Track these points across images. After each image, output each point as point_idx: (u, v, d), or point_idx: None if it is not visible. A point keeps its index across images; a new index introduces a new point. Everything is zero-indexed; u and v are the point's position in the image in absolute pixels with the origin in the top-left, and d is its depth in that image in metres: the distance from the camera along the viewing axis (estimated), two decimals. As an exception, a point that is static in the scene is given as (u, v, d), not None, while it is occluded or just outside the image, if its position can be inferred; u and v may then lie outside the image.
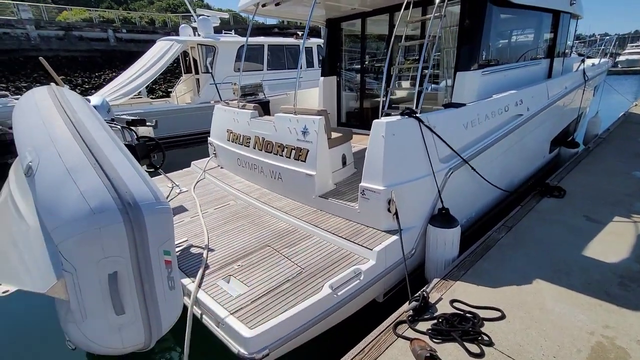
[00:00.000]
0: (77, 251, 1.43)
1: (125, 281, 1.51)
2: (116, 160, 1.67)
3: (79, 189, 1.47)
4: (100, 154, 1.64)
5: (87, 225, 1.41)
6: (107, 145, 1.74)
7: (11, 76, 20.26)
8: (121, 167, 1.64)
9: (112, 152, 1.71)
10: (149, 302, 1.59)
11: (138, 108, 9.99)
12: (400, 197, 2.87)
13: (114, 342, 1.57)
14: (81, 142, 1.65)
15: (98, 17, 28.27)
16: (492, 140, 3.65)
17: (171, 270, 1.71)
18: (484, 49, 4.35)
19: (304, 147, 3.58)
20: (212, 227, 3.48)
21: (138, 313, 1.58)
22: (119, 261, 1.48)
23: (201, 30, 11.21)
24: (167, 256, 1.67)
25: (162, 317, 1.67)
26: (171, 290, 1.72)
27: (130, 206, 1.50)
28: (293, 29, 26.34)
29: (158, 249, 1.61)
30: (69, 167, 1.53)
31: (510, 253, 2.92)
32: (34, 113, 1.85)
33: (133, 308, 1.56)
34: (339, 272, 2.59)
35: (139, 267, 1.53)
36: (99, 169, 1.56)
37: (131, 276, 1.52)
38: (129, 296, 1.54)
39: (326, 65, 6.54)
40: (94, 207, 1.44)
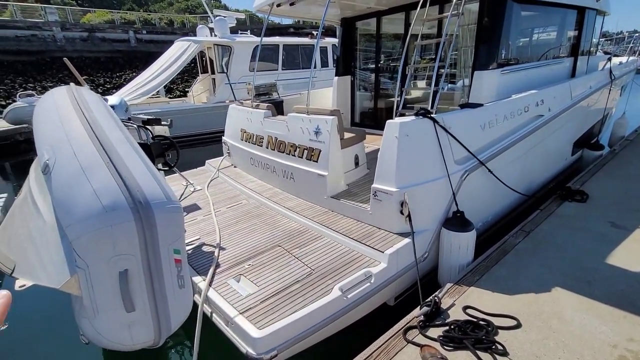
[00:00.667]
0: (90, 248, 1.45)
1: (136, 279, 1.53)
2: (129, 159, 1.69)
3: (92, 187, 1.50)
4: (114, 153, 1.66)
5: (99, 223, 1.44)
6: (121, 144, 1.76)
7: (38, 76, 21.09)
8: (134, 166, 1.66)
9: (126, 151, 1.73)
10: (158, 300, 1.61)
11: (156, 107, 10.23)
12: (413, 199, 2.81)
13: (124, 339, 1.60)
14: (96, 141, 1.68)
15: (120, 18, 29.09)
16: (511, 141, 3.53)
17: (181, 268, 1.72)
18: (504, 48, 4.22)
19: (316, 148, 3.56)
20: (224, 225, 3.50)
21: (148, 311, 1.59)
22: (129, 259, 1.50)
23: (217, 30, 11.36)
24: (177, 255, 1.68)
25: (171, 316, 1.68)
26: (181, 289, 1.73)
27: (142, 205, 1.52)
28: (308, 28, 26.42)
29: (168, 248, 1.63)
30: (84, 165, 1.56)
31: (527, 259, 2.81)
32: (53, 112, 1.90)
33: (143, 306, 1.58)
34: (349, 275, 2.56)
35: (149, 265, 1.54)
36: (112, 168, 1.58)
37: (141, 274, 1.54)
38: (139, 294, 1.56)
39: (340, 64, 6.50)
40: (106, 205, 1.46)
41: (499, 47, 4.12)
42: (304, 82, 12.31)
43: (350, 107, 6.72)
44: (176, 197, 1.76)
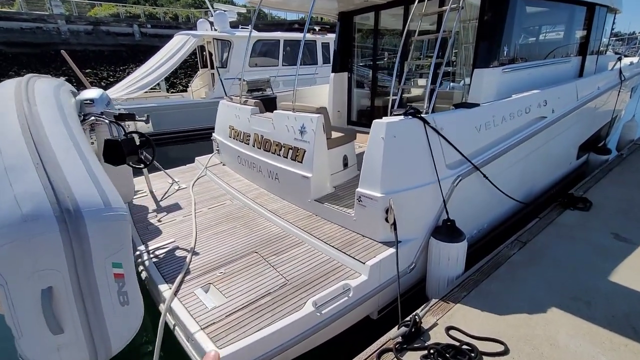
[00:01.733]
0: (6, 262, 1.27)
1: (63, 297, 1.35)
2: (66, 159, 1.50)
3: (13, 191, 1.31)
4: (48, 153, 1.48)
5: (16, 234, 1.25)
6: (61, 142, 1.58)
7: (42, 69, 21.05)
8: (70, 168, 1.48)
9: (65, 151, 1.55)
10: (92, 320, 1.42)
11: (153, 102, 10.09)
12: (400, 205, 2.60)
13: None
14: (29, 139, 1.49)
15: (125, 12, 29.01)
16: (510, 145, 3.30)
17: (123, 284, 1.53)
18: (506, 45, 3.97)
19: (301, 147, 3.36)
20: (202, 227, 3.33)
21: (80, 332, 1.41)
22: (54, 275, 1.32)
23: (217, 24, 11.15)
24: (118, 269, 1.50)
25: (110, 337, 1.50)
26: (123, 306, 1.54)
27: (70, 213, 1.33)
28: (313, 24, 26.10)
29: (105, 261, 1.44)
30: (8, 165, 1.38)
31: (521, 273, 2.59)
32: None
33: (73, 327, 1.39)
34: (326, 287, 2.37)
35: (78, 281, 1.36)
36: (42, 170, 1.39)
37: (70, 292, 1.36)
38: (69, 314, 1.37)
39: (337, 60, 6.27)
40: (27, 213, 1.28)
41: (501, 44, 3.87)
42: (306, 78, 12.10)
43: (347, 104, 6.49)
44: (121, 204, 1.57)
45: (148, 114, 3.65)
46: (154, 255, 2.90)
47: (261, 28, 19.74)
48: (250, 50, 11.03)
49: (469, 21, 4.66)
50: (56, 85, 2.27)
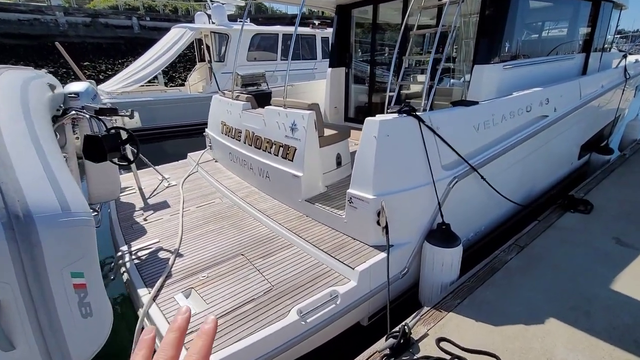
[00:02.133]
0: (-52, 274, 1.15)
1: (14, 311, 1.23)
2: (21, 159, 1.37)
3: (-44, 195, 1.19)
4: (1, 152, 1.34)
5: (-44, 243, 1.13)
6: (18, 140, 1.45)
7: (39, 61, 20.83)
8: (24, 169, 1.35)
9: (21, 149, 1.42)
10: (47, 335, 1.30)
11: (148, 96, 9.95)
12: (392, 208, 2.48)
13: (7, 381, 1.29)
14: (-20, 137, 1.36)
15: (124, 4, 28.69)
16: (509, 144, 3.16)
17: (85, 294, 1.41)
18: (508, 41, 3.82)
19: (292, 145, 3.22)
20: (189, 227, 3.21)
21: (34, 348, 1.29)
22: (2, 287, 1.19)
23: (215, 17, 10.96)
24: (78, 279, 1.38)
25: (71, 351, 1.38)
26: (86, 318, 1.42)
27: (18, 219, 1.21)
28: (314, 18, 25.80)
29: (62, 271, 1.31)
30: (-47, 166, 1.25)
31: (519, 279, 2.47)
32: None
33: (27, 342, 1.28)
34: (313, 293, 2.25)
35: (30, 294, 1.24)
36: (-10, 171, 1.26)
37: (21, 305, 1.24)
38: (20, 329, 1.25)
39: (335, 55, 6.11)
40: (-31, 220, 1.15)
41: (503, 39, 3.72)
42: (305, 73, 11.93)
43: (344, 101, 6.34)
44: (84, 208, 1.45)
45: (132, 109, 3.52)
46: (136, 256, 2.79)
47: (261, 22, 19.48)
48: (248, 44, 10.85)
49: (470, 15, 4.50)
50: (27, 78, 2.13)
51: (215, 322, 0.40)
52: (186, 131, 9.62)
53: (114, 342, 2.16)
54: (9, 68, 2.18)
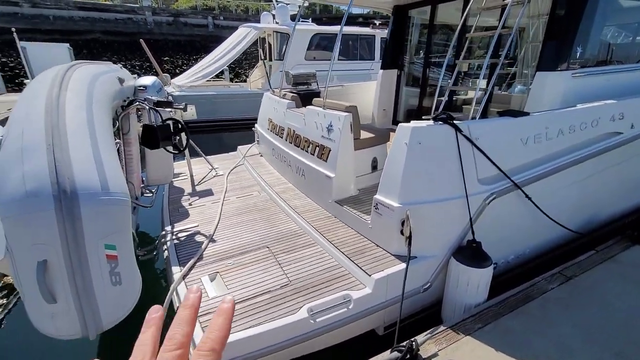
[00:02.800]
0: (11, 233, 1.41)
1: (56, 271, 1.46)
2: (77, 144, 1.61)
3: (23, 169, 1.44)
4: (62, 137, 1.60)
5: (18, 208, 1.38)
6: (77, 127, 1.70)
7: (129, 55, 23.61)
8: (77, 152, 1.58)
9: (78, 135, 1.66)
10: (82, 295, 1.52)
11: (212, 90, 10.71)
12: (419, 218, 2.39)
13: (48, 328, 1.55)
14: (48, 122, 1.63)
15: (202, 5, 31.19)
16: (566, 162, 2.83)
17: (116, 265, 1.62)
18: (580, 45, 3.41)
19: (327, 146, 3.26)
20: (226, 216, 3.43)
21: (71, 304, 1.52)
22: (49, 250, 1.43)
23: (279, 17, 11.42)
24: (111, 250, 1.58)
25: (101, 313, 1.60)
26: (115, 286, 1.63)
27: (66, 194, 1.43)
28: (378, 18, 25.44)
29: (97, 242, 1.52)
30: (25, 145, 1.52)
31: (556, 313, 2.21)
32: (29, 90, 1.91)
33: (65, 298, 1.51)
34: (327, 294, 2.28)
35: (70, 258, 1.45)
36: (51, 151, 1.51)
37: (62, 266, 1.46)
38: (61, 286, 1.49)
39: (388, 57, 6.00)
40: (29, 190, 1.40)
41: (574, 43, 3.34)
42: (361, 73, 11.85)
43: (394, 103, 6.20)
44: (122, 189, 1.65)
45: (186, 103, 3.85)
46: (176, 237, 3.07)
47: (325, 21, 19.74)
48: (307, 43, 11.12)
49: (539, 16, 4.11)
50: (98, 72, 2.47)
51: (233, 302, 0.42)
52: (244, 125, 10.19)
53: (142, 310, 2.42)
54: (85, 63, 2.54)
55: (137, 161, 3.65)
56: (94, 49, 22.14)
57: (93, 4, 24.80)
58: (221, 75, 14.35)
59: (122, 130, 3.31)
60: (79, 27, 23.17)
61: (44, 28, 21.23)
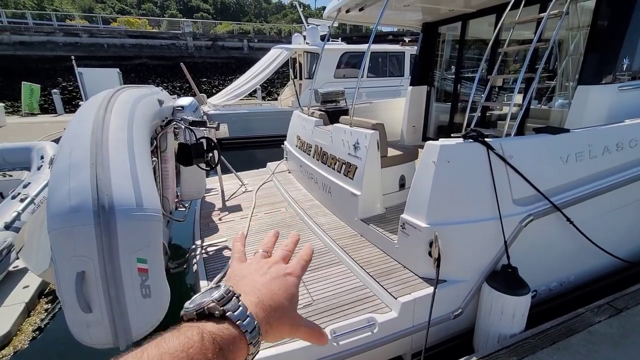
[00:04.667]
0: (56, 245, 1.52)
1: (93, 282, 1.55)
2: (116, 162, 1.74)
3: (69, 185, 1.57)
4: (104, 155, 1.73)
5: (63, 222, 1.49)
6: (118, 146, 1.83)
7: (171, 77, 25.33)
8: (117, 170, 1.70)
9: (118, 154, 1.79)
10: (115, 306, 1.60)
11: (245, 108, 11.17)
12: (448, 240, 2.30)
13: (84, 336, 1.64)
14: (93, 141, 1.77)
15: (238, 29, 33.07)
16: (612, 183, 2.61)
17: (147, 278, 1.69)
18: (628, 55, 3.21)
19: (353, 163, 3.26)
20: (253, 231, 3.49)
21: (105, 315, 1.60)
22: (87, 262, 1.52)
23: (309, 38, 11.82)
24: (142, 264, 1.65)
25: (131, 324, 1.66)
26: (145, 299, 1.70)
27: (104, 209, 1.53)
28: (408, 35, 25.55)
29: (130, 256, 1.60)
30: (72, 163, 1.66)
31: (604, 351, 1.99)
32: (79, 112, 2.10)
33: (100, 309, 1.59)
34: (351, 316, 2.22)
35: (105, 271, 1.54)
36: (94, 169, 1.63)
37: (98, 278, 1.55)
38: (96, 297, 1.57)
39: (417, 73, 5.96)
40: (73, 205, 1.51)
41: (620, 54, 3.15)
42: (391, 90, 11.86)
43: (423, 120, 6.11)
44: (154, 206, 1.74)
45: (219, 122, 4.03)
46: (205, 251, 3.16)
47: (355, 40, 20.11)
48: (336, 62, 11.36)
49: (579, 28, 3.93)
50: (140, 95, 2.66)
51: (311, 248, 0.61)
52: (275, 141, 10.50)
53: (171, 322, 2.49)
54: (130, 87, 2.76)
55: (173, 177, 3.85)
56: (140, 73, 24.03)
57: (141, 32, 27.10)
58: (254, 94, 14.95)
59: (160, 148, 3.53)
60: (128, 53, 25.30)
61: (99, 55, 23.43)
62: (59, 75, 19.95)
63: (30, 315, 3.18)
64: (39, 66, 20.88)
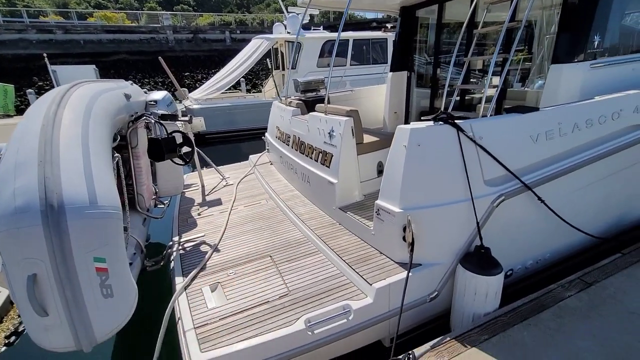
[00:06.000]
0: (3, 248, 1.45)
1: (46, 284, 1.49)
2: (68, 159, 1.66)
3: (15, 185, 1.49)
4: (54, 152, 1.64)
5: (8, 224, 1.42)
6: (70, 143, 1.75)
7: (152, 73, 24.69)
8: (68, 167, 1.62)
9: (71, 150, 1.71)
10: (72, 308, 1.54)
11: (227, 102, 10.98)
12: (421, 224, 2.29)
13: (43, 341, 1.59)
14: (42, 138, 1.69)
15: (220, 20, 32.27)
16: (583, 160, 2.63)
17: (107, 277, 1.63)
18: (598, 32, 3.20)
19: (329, 152, 3.22)
20: (232, 225, 3.44)
21: (63, 317, 1.55)
22: (38, 264, 1.46)
23: (290, 27, 11.59)
24: (100, 263, 1.60)
25: (93, 325, 1.61)
26: (106, 299, 1.64)
27: (53, 209, 1.46)
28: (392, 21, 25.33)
29: (86, 255, 1.54)
30: (18, 162, 1.57)
31: (573, 324, 2.02)
32: (31, 109, 2.00)
33: (57, 311, 1.53)
34: (327, 304, 2.21)
35: (58, 272, 1.48)
36: (42, 167, 1.55)
37: (52, 280, 1.49)
38: (51, 300, 1.51)
39: (397, 59, 5.89)
40: (18, 206, 1.44)
41: (591, 31, 3.14)
42: (374, 77, 11.77)
43: (405, 106, 6.07)
44: (111, 203, 1.68)
45: (191, 115, 3.92)
46: (182, 247, 3.10)
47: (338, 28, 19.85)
48: (318, 51, 11.20)
49: (553, 7, 3.92)
50: (102, 89, 2.55)
51: None
52: (260, 134, 10.38)
53: (149, 320, 2.44)
54: (91, 81, 2.64)
55: (147, 173, 3.74)
56: (120, 69, 23.33)
57: (118, 27, 26.21)
58: (238, 86, 14.68)
59: (131, 144, 3.42)
60: (106, 49, 24.52)
61: (75, 52, 22.62)
62: (34, 74, 19.25)
63: (3, 322, 3.10)
64: (12, 65, 20.09)
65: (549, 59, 4.32)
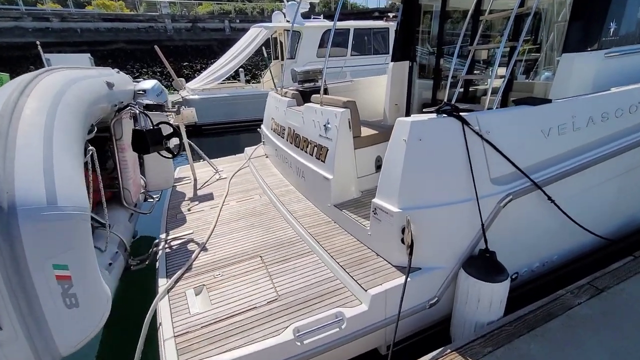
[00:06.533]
0: (-54, 255, 1.27)
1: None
2: (25, 153, 1.47)
3: (-40, 184, 1.31)
4: (8, 145, 1.46)
5: (-50, 229, 1.24)
6: (30, 134, 1.56)
7: (151, 62, 24.32)
8: (24, 162, 1.44)
9: (29, 142, 1.52)
10: (29, 321, 1.38)
11: (225, 92, 10.73)
12: (422, 225, 2.12)
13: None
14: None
15: (219, 9, 31.66)
16: (597, 156, 2.43)
17: (70, 286, 1.47)
18: (615, 19, 2.98)
19: (325, 145, 3.03)
20: (223, 221, 3.28)
21: (19, 332, 1.39)
22: (-14, 273, 1.28)
23: (289, 15, 11.26)
24: (61, 271, 1.43)
25: (55, 338, 1.45)
26: (70, 309, 1.48)
27: (2, 211, 1.28)
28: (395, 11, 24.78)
29: (43, 263, 1.37)
30: (-33, 158, 1.39)
31: (584, 334, 1.86)
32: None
33: (12, 326, 1.37)
34: (318, 311, 2.05)
35: (10, 282, 1.31)
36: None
37: (4, 292, 1.32)
38: (5, 312, 1.34)
39: (398, 48, 5.64)
40: (-38, 208, 1.26)
41: (606, 18, 2.92)
42: (376, 68, 11.48)
43: (406, 97, 5.84)
44: (74, 202, 1.50)
45: (180, 106, 3.73)
46: (169, 245, 2.94)
47: (340, 18, 19.43)
48: (318, 40, 10.90)
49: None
50: (76, 77, 2.35)
51: None
52: (258, 125, 10.17)
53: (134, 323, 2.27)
54: (64, 68, 2.44)
55: (135, 167, 3.56)
56: (118, 58, 22.97)
57: (116, 15, 25.74)
58: (237, 77, 14.38)
59: (115, 135, 3.24)
60: (104, 38, 24.12)
61: (72, 40, 22.24)
62: (30, 63, 18.90)
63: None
64: (8, 54, 19.78)
65: (558, 49, 4.10)
